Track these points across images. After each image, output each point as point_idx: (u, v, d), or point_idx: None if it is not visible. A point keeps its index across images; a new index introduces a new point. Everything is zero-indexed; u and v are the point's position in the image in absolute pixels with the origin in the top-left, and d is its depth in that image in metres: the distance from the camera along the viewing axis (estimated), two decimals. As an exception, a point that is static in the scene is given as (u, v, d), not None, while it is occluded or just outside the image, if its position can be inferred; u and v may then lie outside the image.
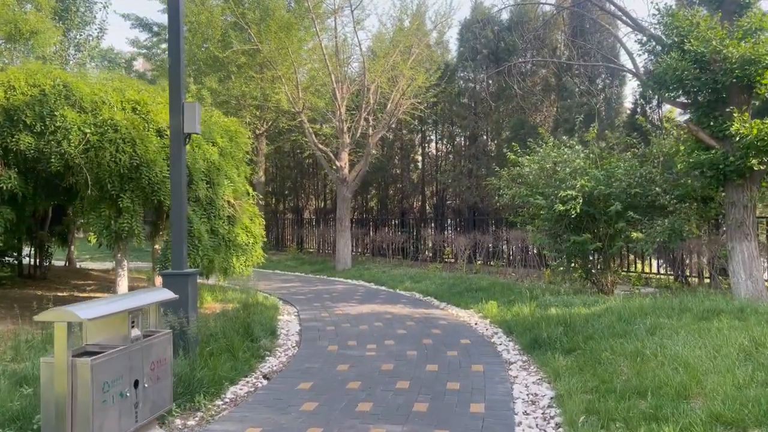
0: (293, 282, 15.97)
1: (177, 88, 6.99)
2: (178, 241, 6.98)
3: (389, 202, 24.80)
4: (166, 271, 7.06)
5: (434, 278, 14.87)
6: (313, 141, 18.50)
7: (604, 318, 8.04)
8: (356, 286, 14.83)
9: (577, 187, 10.57)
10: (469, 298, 11.70)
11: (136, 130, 8.02)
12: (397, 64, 17.76)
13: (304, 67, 20.28)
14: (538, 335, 7.57)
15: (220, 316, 9.78)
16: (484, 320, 9.70)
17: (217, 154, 8.99)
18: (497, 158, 19.85)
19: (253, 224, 11.27)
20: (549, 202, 10.97)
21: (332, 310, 10.97)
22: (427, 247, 21.38)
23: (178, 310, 6.74)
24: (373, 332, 8.76)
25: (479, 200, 19.64)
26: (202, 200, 8.53)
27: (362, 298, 12.60)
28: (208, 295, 12.12)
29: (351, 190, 18.90)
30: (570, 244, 10.92)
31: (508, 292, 12.06)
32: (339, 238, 18.70)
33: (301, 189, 29.08)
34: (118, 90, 8.51)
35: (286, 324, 9.62)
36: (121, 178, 7.94)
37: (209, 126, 9.34)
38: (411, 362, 6.98)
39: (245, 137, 10.52)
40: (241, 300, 11.77)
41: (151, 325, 5.10)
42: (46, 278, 15.18)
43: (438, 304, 11.62)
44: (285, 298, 12.75)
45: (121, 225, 7.82)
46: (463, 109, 20.92)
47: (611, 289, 11.31)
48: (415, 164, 24.43)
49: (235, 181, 9.41)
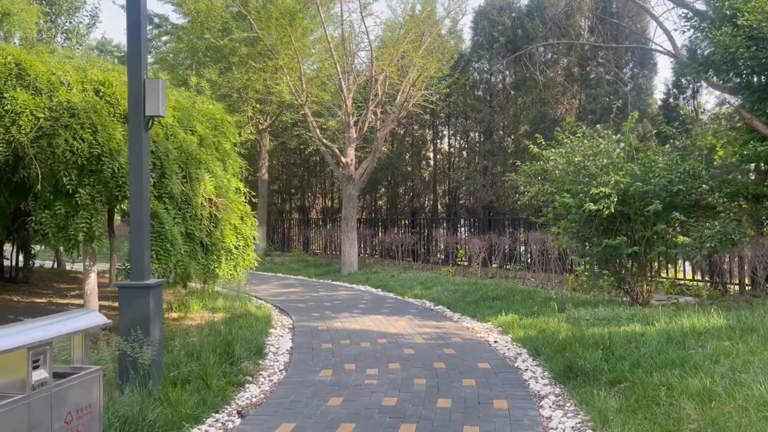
0: (294, 287, 14.76)
1: (136, 58, 5.79)
2: (139, 245, 5.77)
3: (399, 201, 23.54)
4: (123, 283, 5.86)
5: (446, 284, 13.60)
6: (317, 136, 17.28)
7: (650, 338, 6.75)
8: (361, 293, 13.59)
9: (611, 184, 9.26)
10: (486, 309, 10.42)
11: (97, 114, 6.83)
12: (407, 52, 16.50)
13: (308, 58, 19.06)
14: (572, 360, 6.28)
15: (202, 329, 8.59)
16: (504, 336, 8.42)
17: (196, 144, 7.78)
18: (515, 154, 18.54)
19: (245, 225, 10.09)
20: (578, 201, 9.67)
21: (332, 321, 9.74)
22: (438, 249, 20.10)
23: (136, 330, 5.53)
24: (375, 352, 7.51)
25: (495, 199, 18.33)
26: (176, 197, 7.33)
27: (367, 307, 11.35)
28: (196, 303, 10.94)
29: (358, 188, 17.66)
30: (601, 249, 9.60)
31: (529, 302, 10.77)
32: (345, 240, 17.47)
33: (308, 187, 27.88)
34: (80, 69, 7.33)
35: (276, 340, 8.39)
36: (80, 171, 6.76)
37: (189, 112, 8.13)
38: (418, 395, 5.72)
39: (232, 127, 9.32)
40: (232, 309, 10.59)
41: (75, 361, 3.89)
42: (28, 282, 14.09)
43: (451, 316, 10.35)
44: (281, 306, 11.53)
45: (78, 225, 6.64)
46: (478, 102, 19.60)
47: (647, 300, 9.99)
48: (426, 161, 23.15)
49: (218, 176, 8.20)
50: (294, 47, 16.49)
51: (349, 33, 17.66)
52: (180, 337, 8.01)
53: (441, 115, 21.68)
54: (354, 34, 18.01)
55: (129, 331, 5.56)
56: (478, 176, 18.57)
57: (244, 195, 10.35)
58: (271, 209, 29.26)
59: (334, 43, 16.74)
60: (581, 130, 10.32)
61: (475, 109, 19.32)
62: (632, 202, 9.56)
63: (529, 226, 17.38)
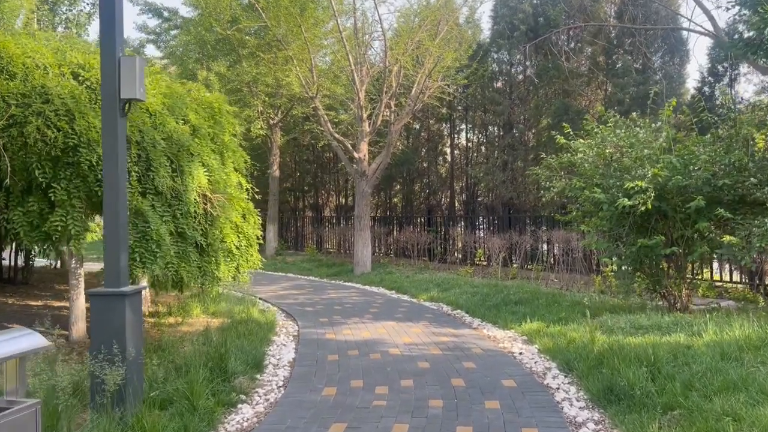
0: (303, 289, 14.03)
1: (110, 32, 5.05)
2: (114, 247, 5.04)
3: (415, 198, 22.72)
4: (95, 290, 5.13)
5: (464, 286, 12.78)
6: (329, 130, 16.52)
7: (699, 352, 5.90)
8: (374, 295, 12.81)
9: (647, 177, 8.38)
10: (508, 314, 9.59)
11: (75, 100, 6.12)
12: (422, 41, 15.67)
13: (319, 50, 18.30)
14: (612, 379, 5.45)
15: (198, 337, 7.88)
16: (529, 347, 7.58)
17: (188, 134, 7.04)
18: (536, 149, 17.65)
19: (247, 223, 9.36)
20: (609, 197, 8.80)
21: (340, 328, 8.97)
22: (456, 249, 19.26)
23: (110, 345, 4.81)
24: (386, 364, 6.73)
25: (515, 196, 17.44)
26: (165, 193, 6.60)
27: (379, 311, 10.57)
28: (197, 307, 10.25)
29: (371, 184, 16.88)
30: (636, 249, 8.73)
31: (555, 306, 9.92)
32: (357, 239, 16.70)
33: (321, 185, 27.16)
34: (59, 51, 6.63)
35: (278, 350, 7.64)
36: (54, 163, 6.05)
37: (182, 99, 7.39)
38: (434, 421, 4.93)
39: (232, 117, 8.59)
40: (234, 313, 9.88)
41: (8, 393, 3.15)
42: (27, 282, 13.51)
43: (470, 322, 9.53)
44: (288, 310, 10.80)
45: (53, 224, 5.93)
46: (497, 95, 18.71)
47: (686, 305, 9.09)
48: (443, 157, 22.30)
49: (214, 170, 7.45)
50: (304, 37, 15.74)
51: (362, 22, 16.88)
52: (172, 346, 7.30)
53: (458, 109, 20.83)
54: (367, 23, 17.23)
55: (101, 347, 4.84)
56: (497, 172, 17.70)
57: (247, 191, 9.61)
58: (284, 207, 28.60)
59: (346, 33, 15.97)
60: (614, 119, 9.42)
61: (494, 102, 18.43)
62: (670, 198, 8.67)
63: (552, 224, 16.49)
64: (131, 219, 6.31)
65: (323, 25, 18.91)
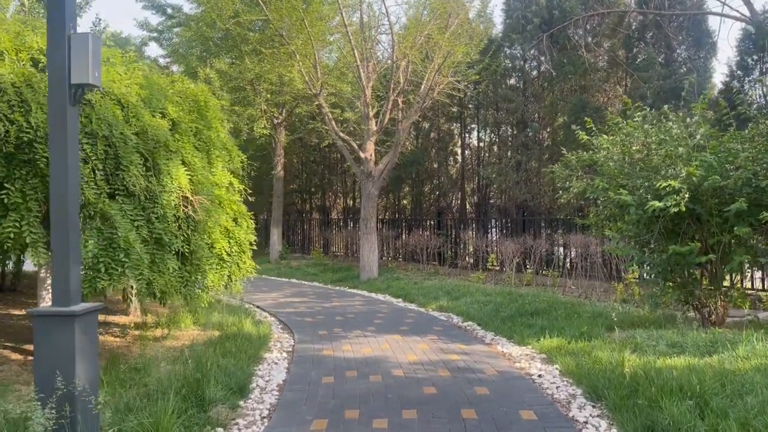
0: (306, 296, 13.25)
1: (58, 5, 4.30)
2: (63, 260, 4.28)
3: (424, 200, 21.89)
4: (39, 309, 4.37)
5: (476, 293, 11.95)
6: (333, 128, 15.75)
7: (749, 379, 5.06)
8: (379, 304, 12.01)
9: (680, 177, 7.53)
10: (524, 327, 8.75)
11: (33, 90, 5.38)
12: (431, 35, 14.86)
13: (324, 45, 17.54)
14: (652, 417, 4.60)
15: (182, 354, 7.12)
16: (549, 367, 6.75)
17: (166, 129, 6.28)
18: (551, 148, 16.80)
19: (239, 228, 8.60)
20: (637, 199, 7.96)
21: (340, 343, 8.17)
22: (467, 253, 18.42)
23: (54, 375, 4.05)
24: (387, 390, 5.92)
25: (530, 198, 16.59)
26: (137, 194, 5.83)
27: (383, 323, 9.76)
28: (187, 318, 9.52)
29: (378, 186, 16.09)
30: (667, 256, 7.88)
31: (575, 318, 9.08)
32: (363, 243, 15.90)
33: (329, 186, 26.39)
34: (18, 35, 5.89)
35: (269, 369, 6.86)
36: (8, 161, 5.30)
37: (161, 91, 6.63)
38: (441, 467, 4.12)
39: (218, 110, 7.82)
40: (227, 325, 9.13)
41: None
42: (15, 290, 12.84)
43: (482, 336, 8.70)
44: (286, 321, 10.03)
45: (5, 230, 5.18)
46: (511, 91, 17.87)
47: (722, 319, 8.22)
48: (453, 157, 21.46)
49: (196, 169, 6.68)
50: (308, 32, 14.99)
51: (369, 16, 16.12)
52: (149, 365, 6.55)
53: (469, 107, 20.00)
54: (373, 16, 16.46)
55: (46, 378, 4.09)
56: (510, 172, 16.85)
57: (240, 193, 8.86)
58: (291, 209, 27.90)
59: (352, 28, 15.20)
60: (641, 113, 8.56)
61: (507, 99, 17.59)
62: (705, 200, 7.82)
63: (569, 228, 15.63)
64: (97, 224, 5.56)
65: (329, 21, 18.16)
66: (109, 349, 7.67)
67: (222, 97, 18.24)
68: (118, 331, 8.85)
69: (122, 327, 9.12)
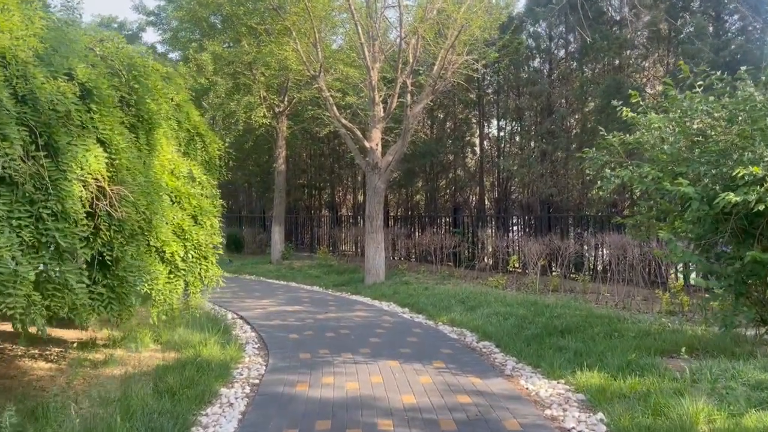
0: (300, 304, 11.61)
1: None
2: None
3: (439, 195, 20.12)
4: None
5: (495, 303, 10.22)
6: (335, 114, 14.08)
7: None
8: (382, 315, 10.32)
9: (765, 161, 5.73)
10: (554, 351, 7.01)
11: None
12: (444, 8, 13.08)
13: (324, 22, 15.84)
14: None
15: (119, 385, 5.53)
16: (591, 417, 5.00)
17: (72, 95, 4.64)
18: (580, 137, 14.96)
19: (199, 228, 6.97)
20: (701, 190, 6.18)
21: (321, 372, 6.50)
22: (485, 253, 16.66)
23: None
24: (367, 455, 4.23)
25: (556, 192, 14.78)
26: (18, 181, 4.21)
27: (381, 342, 8.06)
28: (147, 334, 7.91)
29: (385, 179, 14.38)
30: (742, 265, 6.08)
31: (617, 339, 7.34)
32: (369, 243, 14.21)
33: (338, 181, 24.73)
34: None
35: (218, 415, 5.21)
36: None
37: (70, 46, 4.99)
38: None
39: (159, 78, 6.18)
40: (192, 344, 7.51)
41: None
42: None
43: (502, 362, 6.96)
44: (267, 338, 8.39)
45: None
46: (535, 73, 16.05)
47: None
48: (471, 148, 19.65)
49: (120, 151, 5.02)
50: (306, 5, 13.32)
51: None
52: (58, 412, 4.94)
53: (488, 92, 18.19)
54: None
55: None
56: (534, 164, 15.05)
57: (201, 185, 7.23)
58: (299, 206, 26.32)
59: (355, 3, 13.51)
60: (711, 78, 6.71)
61: (530, 82, 15.77)
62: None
63: (601, 225, 13.81)
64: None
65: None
66: (27, 381, 6.10)
67: (217, 83, 16.70)
68: (57, 352, 7.29)
69: (65, 346, 7.56)
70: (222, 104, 17.05)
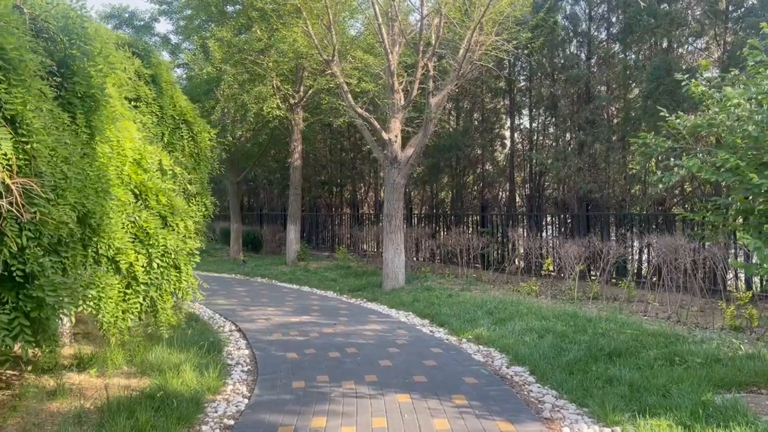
0: (308, 313, 10.38)
1: None
2: None
3: (466, 192, 18.72)
4: None
5: (528, 315, 8.87)
6: (350, 102, 12.82)
7: None
8: (397, 329, 9.02)
9: None
10: (603, 384, 5.65)
11: None
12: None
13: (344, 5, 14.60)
14: None
15: None
16: (666, 491, 3.65)
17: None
18: (622, 127, 13.45)
19: (168, 231, 5.78)
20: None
21: (312, 410, 5.23)
22: (517, 255, 15.24)
23: None
24: None
25: (595, 188, 13.29)
26: None
27: (393, 366, 6.77)
28: (120, 354, 6.75)
29: (405, 173, 13.07)
30: None
31: (681, 367, 5.96)
32: (387, 244, 12.93)
33: (359, 177, 23.50)
34: None
35: (164, 479, 3.99)
36: None
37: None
38: None
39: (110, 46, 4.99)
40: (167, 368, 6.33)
41: None
42: None
43: (538, 397, 5.62)
44: (260, 358, 7.17)
45: None
46: (571, 58, 14.58)
47: None
48: (501, 140, 18.21)
49: (34, 131, 3.82)
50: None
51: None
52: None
53: (519, 80, 16.73)
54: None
55: None
56: (571, 157, 13.59)
57: (173, 179, 6.04)
58: (318, 203, 25.19)
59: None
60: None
61: (566, 66, 14.30)
62: None
63: (647, 225, 12.31)
64: None
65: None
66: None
67: (226, 72, 15.57)
68: (8, 378, 6.17)
69: (21, 369, 6.44)
70: (234, 95, 15.94)
